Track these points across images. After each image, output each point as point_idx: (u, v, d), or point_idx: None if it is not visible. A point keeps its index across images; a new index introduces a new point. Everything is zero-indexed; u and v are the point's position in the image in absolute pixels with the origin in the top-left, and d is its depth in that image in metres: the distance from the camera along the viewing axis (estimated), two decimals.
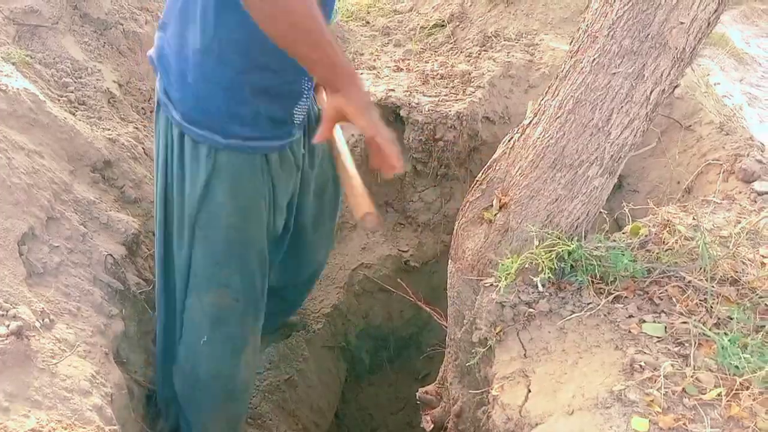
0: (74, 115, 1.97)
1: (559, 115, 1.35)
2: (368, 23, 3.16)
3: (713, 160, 2.01)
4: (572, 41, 1.38)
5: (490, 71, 2.51)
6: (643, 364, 1.15)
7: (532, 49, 2.62)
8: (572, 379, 1.19)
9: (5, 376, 1.21)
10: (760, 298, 1.26)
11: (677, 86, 1.33)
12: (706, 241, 1.32)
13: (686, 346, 1.18)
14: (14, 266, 1.42)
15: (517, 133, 1.50)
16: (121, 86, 2.29)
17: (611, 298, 1.31)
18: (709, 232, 1.46)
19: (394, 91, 2.55)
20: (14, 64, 1.92)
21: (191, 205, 1.55)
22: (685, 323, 1.22)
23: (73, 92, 2.06)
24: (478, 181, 1.58)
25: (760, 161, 1.87)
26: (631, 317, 1.26)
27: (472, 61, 2.66)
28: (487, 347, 1.41)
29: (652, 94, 1.26)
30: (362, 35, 3.03)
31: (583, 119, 1.31)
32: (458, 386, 1.71)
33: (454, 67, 2.67)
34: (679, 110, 2.26)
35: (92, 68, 2.19)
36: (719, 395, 1.06)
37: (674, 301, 1.28)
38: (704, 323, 1.21)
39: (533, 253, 1.35)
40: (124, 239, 1.83)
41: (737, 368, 1.10)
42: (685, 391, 1.09)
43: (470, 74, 2.58)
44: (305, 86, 1.49)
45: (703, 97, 2.32)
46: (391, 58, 2.83)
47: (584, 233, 1.43)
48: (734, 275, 1.33)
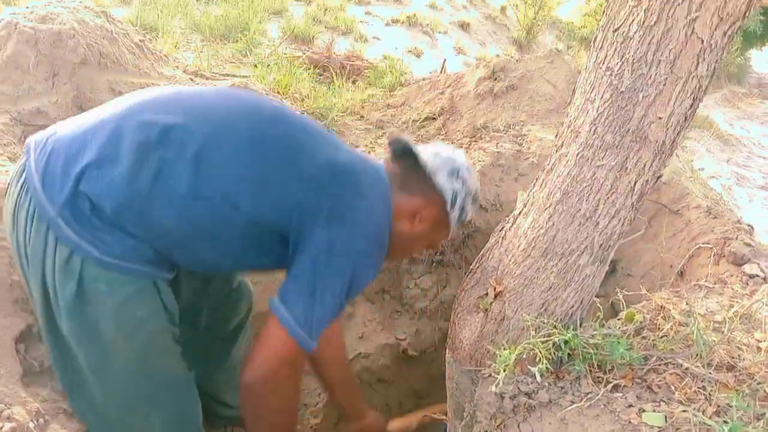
0: None
1: (547, 205, 1.39)
2: (363, 117, 3.27)
3: (703, 243, 2.04)
4: (557, 135, 1.44)
5: (480, 161, 2.58)
6: None
7: (520, 139, 2.71)
8: None
9: None
10: (758, 384, 1.26)
11: (661, 176, 1.38)
12: (699, 327, 1.33)
13: None
14: (11, 365, 1.41)
15: (508, 222, 1.54)
16: None
17: (610, 386, 1.31)
18: (702, 317, 1.48)
19: None
20: None
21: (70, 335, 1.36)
22: (684, 411, 1.21)
23: None
24: (472, 269, 1.61)
25: (748, 244, 1.91)
26: (630, 406, 1.26)
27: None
28: None
29: (636, 184, 1.31)
30: (357, 129, 3.14)
31: (571, 209, 1.35)
32: None
33: None
34: (666, 195, 2.32)
35: None
36: None
37: (673, 389, 1.28)
38: (704, 411, 1.20)
39: (530, 342, 1.36)
40: None
41: None
42: None
43: None
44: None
45: (689, 181, 2.39)
46: (385, 150, 2.91)
47: (579, 321, 1.45)
48: (731, 361, 1.33)
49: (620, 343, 1.34)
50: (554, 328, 1.37)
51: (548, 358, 1.32)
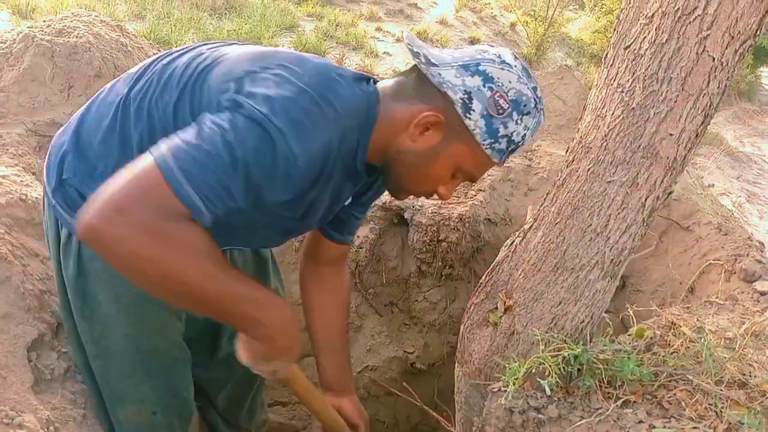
0: None
1: (558, 220, 1.39)
2: None
3: (714, 260, 2.03)
4: (568, 150, 1.45)
5: (490, 175, 2.59)
6: None
7: (530, 154, 2.72)
8: None
9: None
10: None
11: (672, 192, 1.38)
12: (709, 344, 1.32)
13: None
14: (23, 373, 1.42)
15: (518, 236, 1.54)
16: None
17: (620, 402, 1.30)
18: (714, 333, 1.47)
19: None
20: (34, 173, 2.00)
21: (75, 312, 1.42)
22: (695, 428, 1.21)
23: None
24: (482, 283, 1.61)
25: (759, 261, 1.90)
26: (640, 423, 1.25)
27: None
28: None
29: (647, 200, 1.31)
30: None
31: (582, 225, 1.36)
32: None
33: None
34: (677, 211, 2.32)
35: None
36: None
37: (683, 405, 1.27)
38: (715, 429, 1.20)
39: (540, 357, 1.35)
40: None
41: None
42: None
43: None
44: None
45: (699, 198, 2.39)
46: None
47: (589, 336, 1.44)
48: (742, 378, 1.33)
49: (630, 358, 1.33)
50: (564, 342, 1.37)
51: (558, 372, 1.32)
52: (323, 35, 6.97)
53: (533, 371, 1.36)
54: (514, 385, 1.34)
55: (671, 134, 1.26)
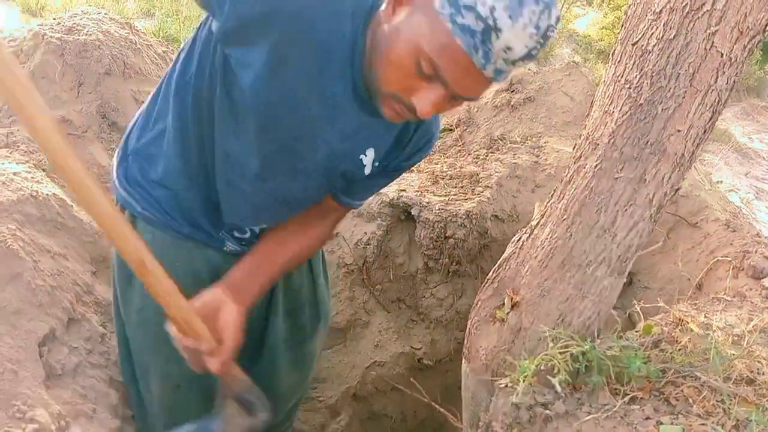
0: None
1: (565, 217, 1.39)
2: None
3: (722, 256, 2.03)
4: (575, 147, 1.45)
5: (497, 172, 2.60)
6: None
7: (537, 151, 2.72)
8: None
9: None
10: None
11: (679, 188, 1.38)
12: (717, 341, 1.32)
13: None
14: (34, 368, 1.44)
15: (525, 233, 1.55)
16: None
17: (627, 399, 1.30)
18: (721, 330, 1.47)
19: (405, 191, 2.63)
20: (44, 170, 2.02)
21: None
22: (703, 425, 1.21)
23: None
24: (489, 279, 1.61)
25: None
26: (648, 419, 1.25)
27: (479, 162, 2.76)
28: None
29: (654, 197, 1.31)
30: None
31: (589, 221, 1.36)
32: None
33: (462, 168, 2.77)
34: (684, 208, 2.31)
35: None
36: None
37: (691, 401, 1.27)
38: (723, 425, 1.20)
39: (549, 353, 1.36)
40: None
41: None
42: None
43: (478, 175, 2.67)
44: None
45: (707, 194, 2.38)
46: None
47: (597, 332, 1.45)
48: (750, 375, 1.33)
49: (638, 355, 1.33)
50: (571, 339, 1.37)
51: (565, 369, 1.32)
52: None
53: (541, 368, 1.36)
54: (524, 381, 1.35)
55: (679, 130, 1.26)
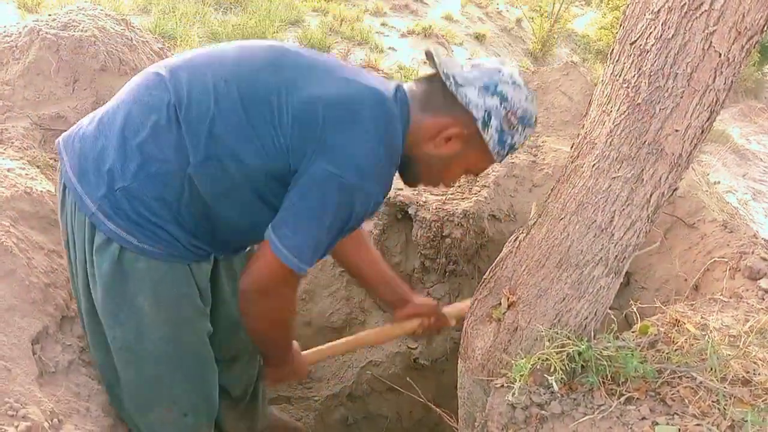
0: None
1: (562, 216, 1.39)
2: None
3: (719, 257, 2.03)
4: (573, 146, 1.44)
5: (494, 171, 2.59)
6: None
7: (534, 150, 2.71)
8: None
9: None
10: None
11: (677, 188, 1.38)
12: (713, 342, 1.32)
13: None
14: (27, 365, 1.43)
15: (522, 233, 1.54)
16: None
17: (623, 399, 1.30)
18: (718, 331, 1.47)
19: (402, 190, 2.63)
20: (39, 167, 2.01)
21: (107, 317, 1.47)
22: (698, 425, 1.20)
23: None
24: (485, 279, 1.60)
25: (765, 259, 1.89)
26: (644, 419, 1.25)
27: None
28: None
29: (652, 197, 1.31)
30: None
31: (586, 221, 1.35)
32: None
33: None
34: (681, 208, 2.31)
35: None
36: None
37: (687, 402, 1.27)
38: (718, 426, 1.19)
39: (545, 353, 1.35)
40: None
41: None
42: None
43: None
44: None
45: (705, 195, 2.38)
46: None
47: (593, 333, 1.44)
48: (746, 375, 1.32)
49: (634, 355, 1.33)
50: (568, 339, 1.37)
51: (562, 369, 1.32)
52: (328, 30, 6.96)
53: (537, 367, 1.36)
54: (520, 380, 1.34)
55: (677, 130, 1.26)
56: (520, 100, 1.41)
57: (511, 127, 1.42)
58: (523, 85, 1.43)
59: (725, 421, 1.21)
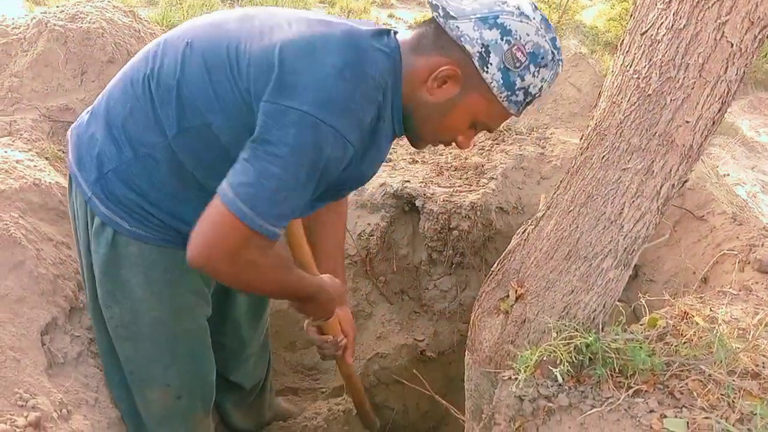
0: None
1: (571, 208, 1.38)
2: None
3: (728, 250, 2.02)
4: (582, 138, 1.43)
5: (502, 163, 2.58)
6: None
7: (543, 142, 2.70)
8: None
9: None
10: None
11: (687, 180, 1.37)
12: (722, 335, 1.31)
13: None
14: (36, 356, 1.44)
15: (530, 225, 1.53)
16: None
17: (631, 392, 1.29)
18: (727, 324, 1.46)
19: (409, 182, 2.62)
20: (47, 159, 2.01)
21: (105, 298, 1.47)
22: (707, 418, 1.20)
23: None
24: (493, 271, 1.60)
25: None
26: (652, 412, 1.24)
27: (484, 153, 2.74)
28: None
29: (662, 189, 1.30)
30: None
31: (595, 213, 1.34)
32: None
33: (467, 159, 2.75)
34: (691, 201, 2.29)
35: None
36: None
37: (695, 395, 1.26)
38: (727, 419, 1.19)
39: (552, 345, 1.35)
40: None
41: None
42: None
43: (483, 166, 2.65)
44: None
45: (714, 187, 2.36)
46: (406, 151, 2.92)
47: (601, 325, 1.44)
48: (755, 368, 1.31)
49: (642, 348, 1.32)
50: (576, 331, 1.36)
51: (569, 361, 1.32)
52: None
53: (544, 359, 1.35)
54: (525, 373, 1.34)
55: (687, 121, 1.25)
56: (527, 33, 1.18)
57: (517, 65, 1.18)
58: (534, 16, 1.19)
59: (734, 414, 1.21)
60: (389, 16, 8.02)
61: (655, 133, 1.26)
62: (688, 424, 1.20)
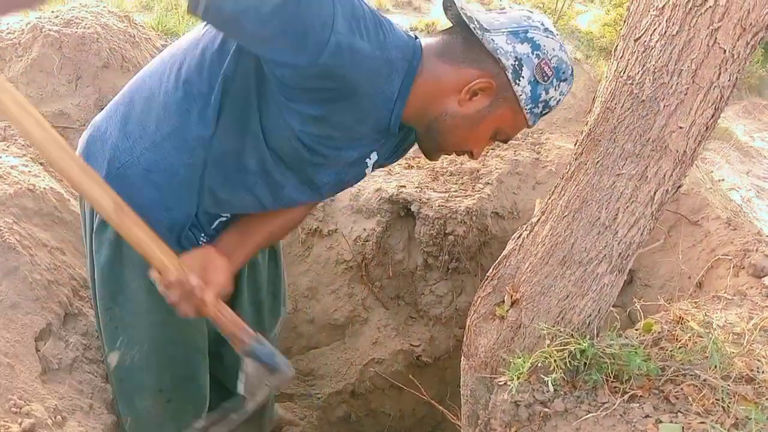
0: None
1: (566, 213, 1.38)
2: None
3: (722, 255, 2.02)
4: (576, 143, 1.44)
5: (497, 169, 2.59)
6: None
7: (538, 147, 2.71)
8: None
9: None
10: None
11: (681, 186, 1.37)
12: (716, 339, 1.31)
13: None
14: (30, 362, 1.43)
15: (526, 230, 1.54)
16: None
17: (626, 397, 1.30)
18: (721, 328, 1.46)
19: (405, 187, 2.62)
20: (42, 164, 2.01)
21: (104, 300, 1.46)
22: (702, 423, 1.20)
23: None
24: (488, 276, 1.60)
25: None
26: (647, 417, 1.24)
27: (480, 159, 2.75)
28: None
29: (656, 194, 1.30)
30: None
31: (590, 218, 1.35)
32: None
33: (462, 164, 2.76)
34: (685, 205, 2.30)
35: None
36: None
37: (690, 400, 1.27)
38: (722, 424, 1.19)
39: (545, 351, 1.35)
40: None
41: None
42: None
43: (479, 171, 2.66)
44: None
45: (709, 192, 2.37)
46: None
47: (597, 330, 1.44)
48: (750, 373, 1.32)
49: (637, 353, 1.33)
50: (571, 337, 1.36)
51: (564, 367, 1.32)
52: None
53: (539, 365, 1.35)
54: (518, 378, 1.34)
55: (681, 127, 1.25)
56: (553, 48, 1.23)
57: (545, 79, 1.23)
58: (555, 32, 1.25)
59: (729, 419, 1.21)
60: None
61: (648, 138, 1.27)
62: (683, 428, 1.20)
